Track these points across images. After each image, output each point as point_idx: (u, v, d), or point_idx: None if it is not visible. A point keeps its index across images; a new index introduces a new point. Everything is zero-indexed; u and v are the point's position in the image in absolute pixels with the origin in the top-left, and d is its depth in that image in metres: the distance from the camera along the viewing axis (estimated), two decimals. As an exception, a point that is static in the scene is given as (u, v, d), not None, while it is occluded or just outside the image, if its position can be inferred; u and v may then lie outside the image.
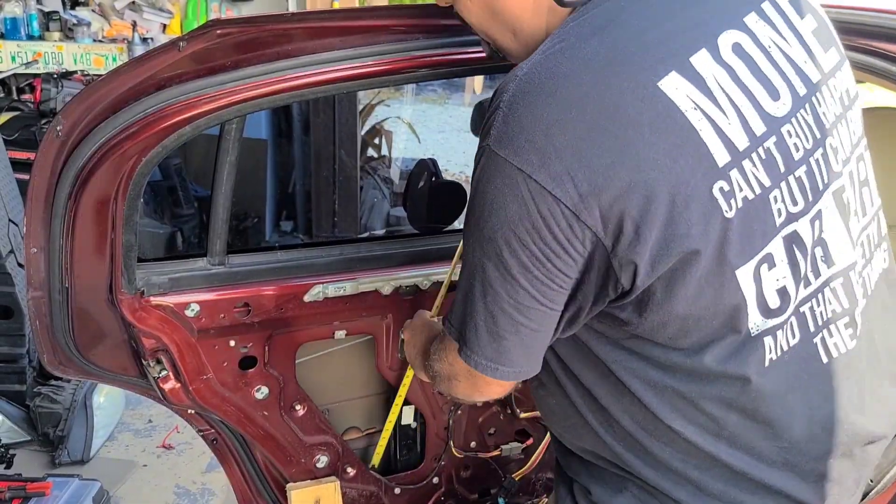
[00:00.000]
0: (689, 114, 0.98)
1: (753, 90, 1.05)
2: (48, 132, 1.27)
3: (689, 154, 0.98)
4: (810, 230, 1.10)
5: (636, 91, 0.96)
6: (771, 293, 1.07)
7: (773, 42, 1.09)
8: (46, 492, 2.42)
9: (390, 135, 5.53)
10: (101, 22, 5.41)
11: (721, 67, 1.03)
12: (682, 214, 0.98)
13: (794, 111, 1.08)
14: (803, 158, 1.08)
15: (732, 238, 1.02)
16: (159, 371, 1.55)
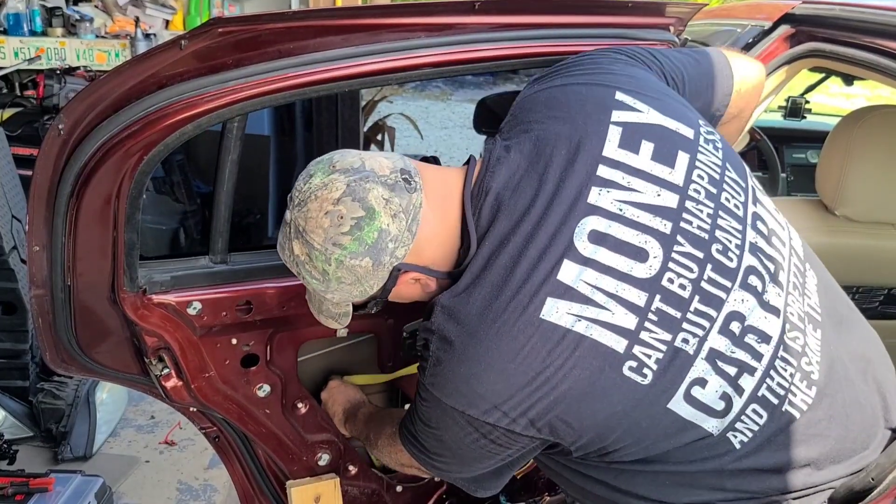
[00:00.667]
0: (576, 327, 1.12)
1: (621, 268, 1.15)
2: (50, 130, 1.27)
3: (591, 358, 1.13)
4: (729, 334, 1.19)
5: (526, 331, 1.12)
6: (713, 401, 1.18)
7: (621, 203, 1.17)
8: (49, 487, 2.42)
9: (393, 131, 5.52)
10: (104, 18, 5.40)
11: (586, 268, 1.14)
12: (603, 402, 1.14)
13: (666, 256, 1.17)
14: (693, 289, 1.17)
15: (654, 392, 1.16)
16: (161, 369, 1.55)
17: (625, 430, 1.18)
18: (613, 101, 1.22)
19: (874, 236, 2.04)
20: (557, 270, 1.13)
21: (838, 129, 2.02)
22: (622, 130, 1.19)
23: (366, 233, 1.15)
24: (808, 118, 3.99)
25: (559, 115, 1.22)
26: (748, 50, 2.05)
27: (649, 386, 1.14)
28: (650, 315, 1.14)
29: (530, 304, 1.12)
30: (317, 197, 1.16)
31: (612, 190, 1.16)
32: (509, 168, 1.20)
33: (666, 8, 1.57)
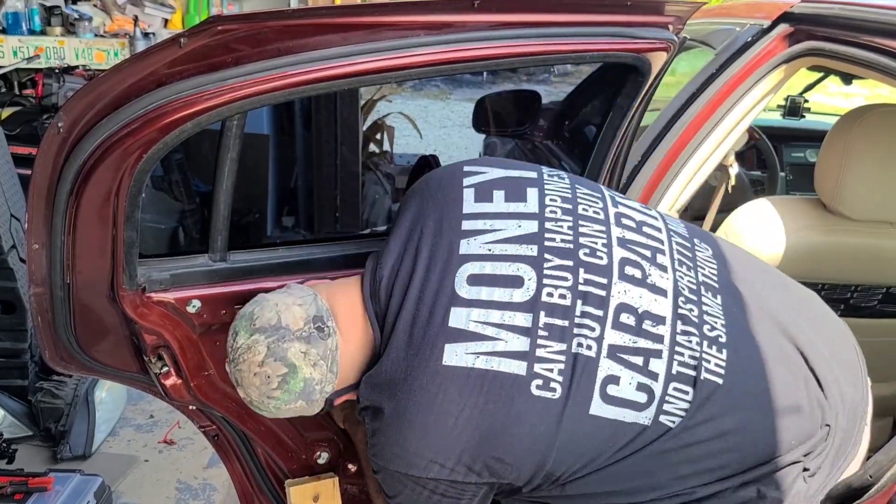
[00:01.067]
0: (477, 364, 1.22)
1: (502, 298, 1.25)
2: (49, 129, 1.27)
3: (499, 388, 1.21)
4: (624, 327, 1.26)
5: (435, 380, 1.22)
6: (632, 394, 1.23)
7: (488, 244, 1.29)
8: (48, 487, 2.42)
9: (392, 130, 5.52)
10: (103, 17, 5.40)
11: (471, 308, 1.24)
12: (523, 427, 1.21)
13: (539, 275, 1.26)
14: (573, 295, 1.26)
15: (570, 403, 1.22)
16: (161, 367, 1.55)
17: (560, 450, 1.23)
18: (462, 173, 1.40)
19: (873, 235, 2.04)
20: (448, 319, 1.24)
21: (837, 128, 2.03)
22: (474, 189, 1.36)
23: (292, 385, 1.30)
24: (807, 117, 3.99)
25: (422, 198, 1.38)
26: (747, 49, 2.05)
27: (562, 398, 1.22)
28: (540, 332, 1.23)
29: (432, 355, 1.23)
30: (244, 360, 1.32)
31: (478, 236, 1.30)
32: (392, 255, 1.34)
33: (665, 6, 1.57)
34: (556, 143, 2.82)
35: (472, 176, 1.38)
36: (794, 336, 1.35)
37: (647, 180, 2.07)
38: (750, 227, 2.08)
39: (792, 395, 1.30)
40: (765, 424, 1.27)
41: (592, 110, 2.59)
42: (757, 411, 1.27)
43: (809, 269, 2.08)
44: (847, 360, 1.43)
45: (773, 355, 1.32)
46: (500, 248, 1.28)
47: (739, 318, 1.33)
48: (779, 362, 1.31)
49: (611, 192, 1.43)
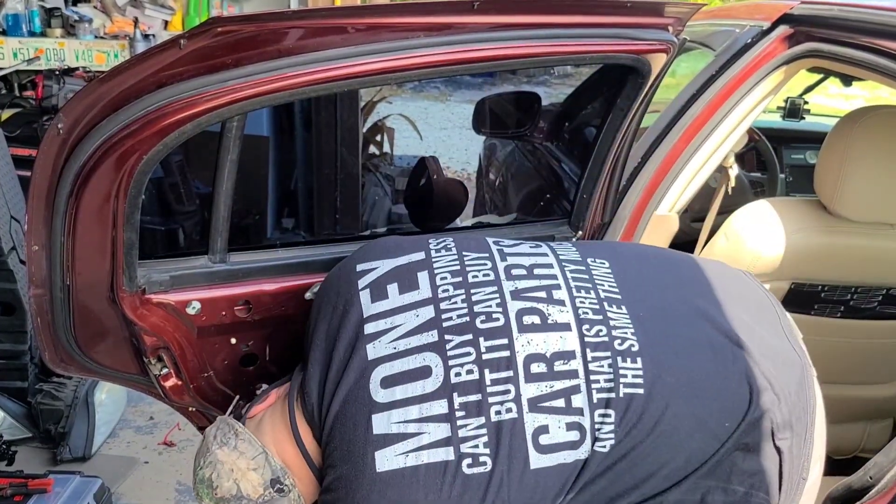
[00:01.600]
0: (409, 462, 1.23)
1: (415, 393, 1.26)
2: (49, 130, 1.27)
3: (434, 479, 1.22)
4: (537, 376, 1.26)
5: (375, 489, 1.23)
6: (565, 436, 1.25)
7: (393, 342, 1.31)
8: (48, 488, 2.42)
9: (392, 132, 5.52)
10: (103, 18, 5.40)
11: (391, 411, 1.26)
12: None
13: (444, 359, 1.28)
14: (480, 367, 1.27)
15: (504, 468, 1.22)
16: (160, 369, 1.55)
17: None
18: (355, 273, 1.42)
19: (872, 236, 2.04)
20: (371, 427, 1.26)
21: (837, 130, 2.03)
22: (369, 290, 1.39)
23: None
24: (807, 119, 3.99)
25: (326, 311, 1.40)
26: (746, 50, 2.06)
27: (494, 467, 1.23)
28: (457, 413, 1.25)
29: (365, 467, 1.25)
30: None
31: (382, 337, 1.33)
32: (314, 379, 1.35)
33: (665, 8, 1.57)
34: (556, 144, 2.82)
35: (365, 275, 1.41)
36: (705, 313, 1.35)
37: (647, 182, 2.07)
38: (750, 228, 2.08)
39: (719, 377, 1.29)
40: (696, 412, 1.27)
41: (592, 112, 2.59)
42: (685, 403, 1.27)
43: (809, 271, 2.08)
44: (767, 319, 1.41)
45: (688, 343, 1.32)
46: (405, 343, 1.31)
47: (647, 320, 1.33)
48: (697, 345, 1.31)
49: (498, 246, 1.46)
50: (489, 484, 1.22)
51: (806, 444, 1.33)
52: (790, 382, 1.33)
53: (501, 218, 2.75)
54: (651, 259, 1.51)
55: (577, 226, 1.87)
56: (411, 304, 1.35)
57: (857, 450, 2.48)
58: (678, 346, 1.31)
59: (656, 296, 1.39)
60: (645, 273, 1.44)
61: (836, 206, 2.00)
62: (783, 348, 1.37)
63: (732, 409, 1.28)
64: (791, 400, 1.31)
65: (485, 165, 3.77)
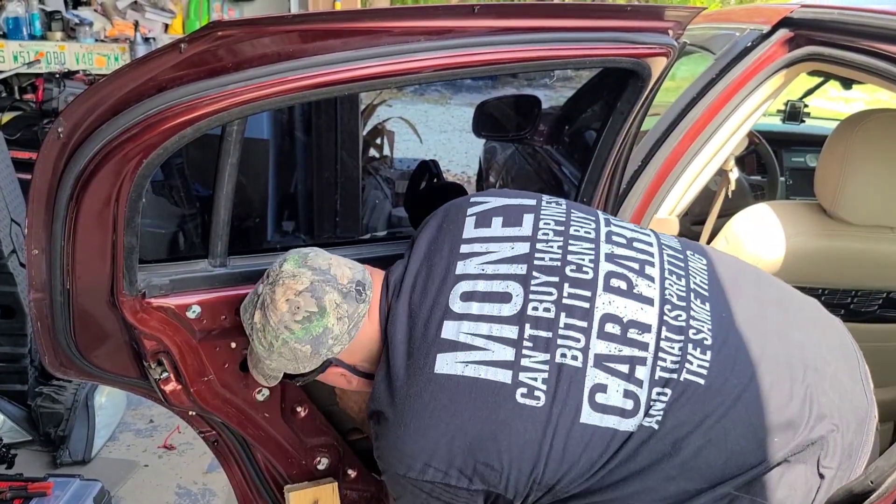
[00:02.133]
0: (466, 372, 1.29)
1: (489, 312, 1.32)
2: (49, 134, 1.27)
3: (486, 395, 1.27)
4: (609, 336, 1.30)
5: (428, 388, 1.29)
6: (620, 401, 1.27)
7: (482, 265, 1.38)
8: (48, 492, 2.42)
9: (392, 135, 5.52)
10: (104, 22, 5.40)
11: (462, 321, 1.32)
12: (510, 434, 1.27)
13: (526, 291, 1.34)
14: (557, 309, 1.32)
15: (556, 411, 1.26)
16: (160, 373, 1.55)
17: (551, 459, 1.27)
18: (468, 203, 1.51)
19: (872, 240, 2.04)
20: (441, 331, 1.32)
21: (837, 133, 2.03)
22: (475, 217, 1.47)
23: (314, 325, 1.37)
24: (807, 122, 4.00)
25: (434, 226, 1.49)
26: (746, 54, 2.06)
27: (547, 406, 1.26)
28: (525, 343, 1.30)
29: (425, 364, 1.31)
30: (284, 283, 1.37)
31: (473, 258, 1.40)
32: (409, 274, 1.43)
33: (665, 12, 1.57)
34: (557, 147, 2.83)
35: (476, 206, 1.49)
36: (788, 335, 1.37)
37: (648, 185, 2.07)
38: (750, 231, 2.08)
39: (784, 393, 1.31)
40: (751, 420, 1.28)
41: (593, 115, 2.59)
42: (743, 408, 1.29)
43: (809, 274, 2.08)
44: (846, 360, 1.43)
45: (763, 354, 1.33)
46: (493, 269, 1.38)
47: (728, 323, 1.36)
48: (771, 359, 1.33)
49: (606, 216, 1.51)
50: (537, 419, 1.26)
51: (846, 480, 1.36)
52: (851, 419, 1.35)
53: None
54: (748, 272, 1.54)
55: (578, 229, 1.87)
56: (510, 238, 1.41)
57: (857, 453, 2.47)
58: (752, 355, 1.33)
59: (744, 305, 1.40)
60: (738, 282, 1.46)
61: (837, 210, 2.00)
62: (854, 390, 1.39)
63: (787, 426, 1.30)
64: (848, 436, 1.34)
65: (485, 169, 3.77)
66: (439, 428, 1.29)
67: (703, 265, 1.45)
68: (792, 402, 1.30)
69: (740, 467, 1.28)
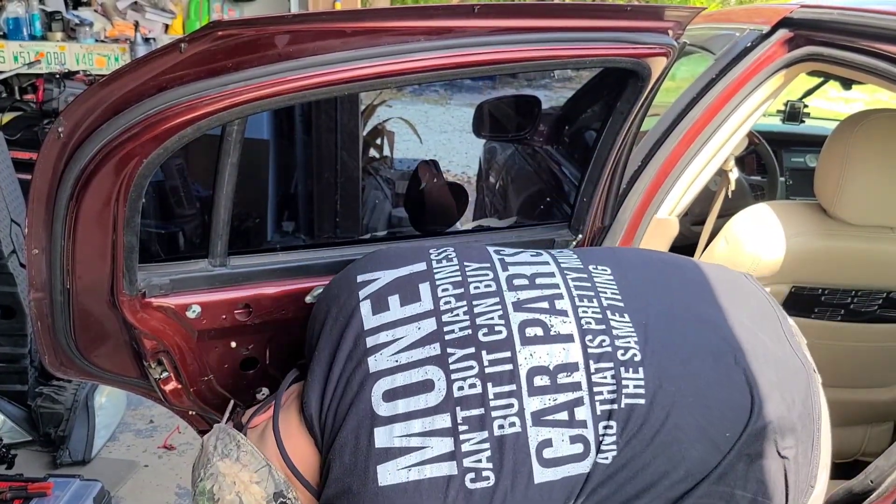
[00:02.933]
0: (411, 476, 1.22)
1: (419, 407, 1.25)
2: (49, 134, 1.27)
3: (437, 493, 1.21)
4: (541, 389, 1.26)
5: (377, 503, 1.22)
6: (569, 450, 1.24)
7: (394, 356, 1.30)
8: (48, 492, 2.42)
9: (392, 135, 5.52)
10: (104, 22, 5.41)
11: (392, 425, 1.25)
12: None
13: (447, 372, 1.27)
14: (483, 381, 1.26)
15: (507, 483, 1.21)
16: (160, 372, 1.55)
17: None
18: (356, 284, 1.41)
19: (872, 240, 2.04)
20: (373, 440, 1.25)
21: (837, 133, 2.03)
22: (370, 301, 1.37)
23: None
24: (807, 122, 4.00)
25: (327, 322, 1.39)
26: (746, 54, 2.06)
27: (498, 482, 1.22)
28: (460, 427, 1.24)
29: (367, 480, 1.24)
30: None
31: (383, 350, 1.31)
32: (315, 390, 1.35)
33: (665, 12, 1.57)
34: (556, 148, 2.83)
35: (366, 286, 1.40)
36: (708, 320, 1.34)
37: (647, 185, 2.07)
38: (750, 231, 2.08)
39: (722, 385, 1.28)
40: (698, 422, 1.26)
41: (592, 115, 2.59)
42: (687, 413, 1.26)
43: (809, 274, 2.08)
44: (770, 326, 1.39)
45: (692, 348, 1.31)
46: (406, 357, 1.30)
47: (650, 328, 1.32)
48: (699, 353, 1.30)
49: (499, 255, 1.45)
50: (492, 499, 1.21)
51: (813, 451, 1.32)
52: (794, 390, 1.32)
53: (501, 221, 2.75)
54: (652, 264, 1.50)
55: (577, 229, 1.87)
56: (413, 317, 1.34)
57: (857, 453, 2.47)
58: (681, 354, 1.30)
59: (658, 302, 1.38)
60: (647, 279, 1.43)
61: (836, 210, 2.00)
62: (786, 355, 1.35)
63: (734, 418, 1.27)
64: (796, 408, 1.30)
65: (485, 169, 3.77)
66: None
67: (608, 276, 1.41)
68: (730, 392, 1.28)
69: (702, 472, 1.26)
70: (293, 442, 1.37)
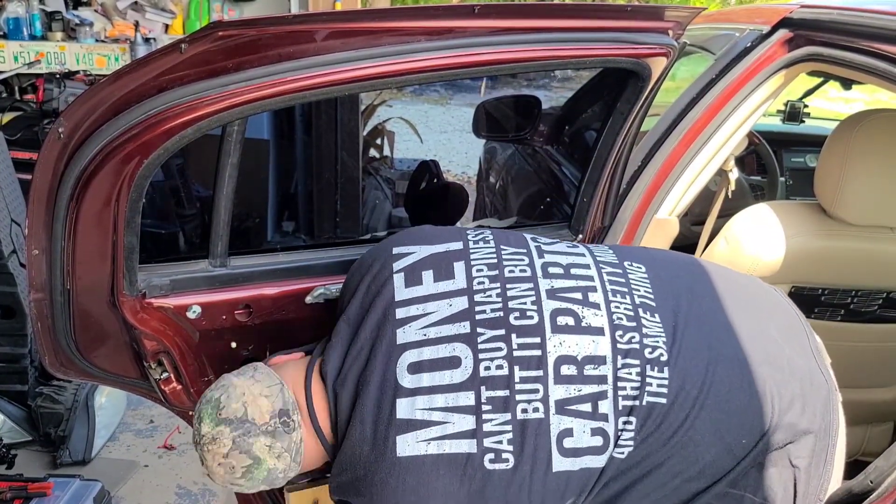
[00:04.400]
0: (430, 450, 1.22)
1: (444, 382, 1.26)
2: (50, 134, 1.27)
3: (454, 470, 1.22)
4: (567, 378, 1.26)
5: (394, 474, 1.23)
6: (589, 442, 1.24)
7: (423, 329, 1.30)
8: (48, 492, 2.42)
9: (392, 135, 5.52)
10: (104, 22, 5.41)
11: (415, 397, 1.25)
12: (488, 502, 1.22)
13: (474, 351, 1.27)
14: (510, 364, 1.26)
15: (526, 468, 1.22)
16: (161, 373, 1.55)
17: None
18: (392, 256, 1.41)
19: (872, 240, 2.04)
20: (395, 411, 1.25)
21: (837, 133, 2.03)
22: (404, 274, 1.37)
23: (256, 474, 1.33)
24: (807, 122, 4.00)
25: (360, 289, 1.40)
26: (746, 54, 2.06)
27: (516, 466, 1.22)
28: (484, 406, 1.24)
29: (385, 449, 1.24)
30: (209, 449, 1.35)
31: (412, 323, 1.32)
32: (337, 351, 1.35)
33: (665, 12, 1.57)
34: (557, 148, 2.82)
35: (402, 259, 1.40)
36: (737, 330, 1.35)
37: (647, 185, 2.07)
38: (750, 231, 2.08)
39: (744, 394, 1.29)
40: (717, 427, 1.27)
41: (592, 115, 2.59)
42: (707, 417, 1.27)
43: (809, 274, 2.08)
44: (798, 340, 1.40)
45: (718, 355, 1.31)
46: (435, 332, 1.30)
47: (679, 331, 1.33)
48: (725, 359, 1.31)
49: (536, 242, 1.45)
50: (510, 481, 1.22)
51: (826, 466, 1.33)
52: (815, 403, 1.32)
53: (501, 222, 2.75)
54: (686, 267, 1.50)
55: (578, 229, 1.87)
56: (445, 293, 1.34)
57: (857, 453, 2.47)
58: (706, 359, 1.30)
59: (689, 306, 1.37)
60: (680, 281, 1.43)
61: (836, 210, 2.00)
62: (810, 369, 1.36)
63: (752, 426, 1.28)
64: (816, 422, 1.31)
65: (485, 169, 3.77)
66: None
67: (642, 274, 1.41)
68: (752, 400, 1.29)
69: (714, 475, 1.27)
70: (313, 389, 1.37)
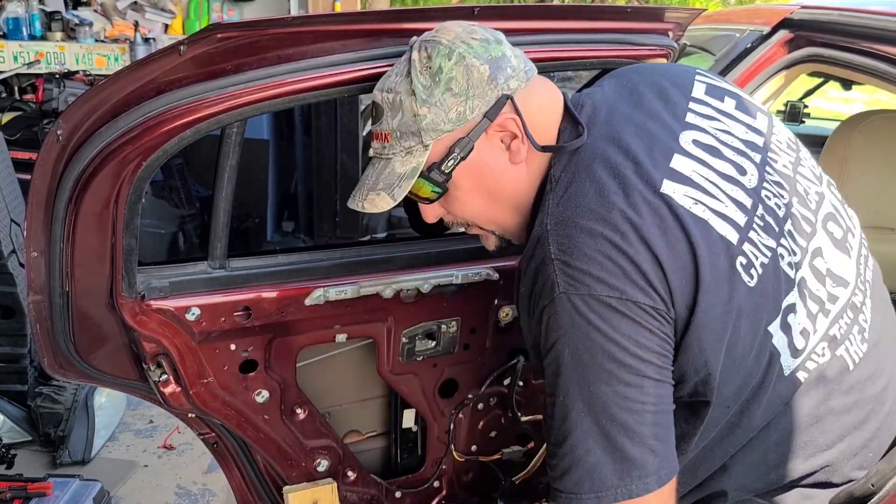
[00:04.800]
0: (695, 209, 1.15)
1: (726, 171, 1.21)
2: (48, 136, 1.27)
3: (709, 239, 1.13)
4: (815, 270, 1.26)
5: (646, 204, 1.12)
6: (797, 335, 1.22)
7: (715, 129, 1.25)
8: (47, 492, 2.42)
9: (392, 135, 5.51)
10: (104, 22, 5.41)
11: (696, 163, 1.19)
12: (716, 288, 1.12)
13: (761, 177, 1.24)
14: (786, 213, 1.25)
15: (757, 300, 1.17)
16: (160, 375, 1.55)
17: (729, 340, 1.15)
18: (693, 69, 1.37)
19: (873, 240, 2.02)
20: (670, 159, 1.17)
21: (837, 134, 2.03)
22: (706, 86, 1.31)
23: (492, 48, 1.22)
24: (807, 123, 4.00)
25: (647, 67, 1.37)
26: (746, 55, 2.06)
27: (754, 289, 1.16)
28: (756, 219, 1.19)
29: (650, 180, 1.14)
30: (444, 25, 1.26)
31: (704, 119, 1.25)
32: (602, 94, 1.28)
33: (665, 13, 1.57)
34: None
35: (705, 76, 1.35)
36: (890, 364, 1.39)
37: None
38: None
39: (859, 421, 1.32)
40: (842, 433, 1.30)
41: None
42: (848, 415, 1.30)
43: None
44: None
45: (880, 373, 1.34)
46: (727, 139, 1.24)
47: (879, 322, 1.37)
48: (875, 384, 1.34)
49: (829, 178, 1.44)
50: (741, 293, 1.15)
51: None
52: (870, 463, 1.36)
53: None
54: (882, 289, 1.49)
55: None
56: (744, 123, 1.29)
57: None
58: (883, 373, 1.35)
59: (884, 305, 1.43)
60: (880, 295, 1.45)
61: (837, 211, 2.00)
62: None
63: (849, 450, 1.32)
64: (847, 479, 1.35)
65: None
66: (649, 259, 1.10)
67: (871, 267, 1.43)
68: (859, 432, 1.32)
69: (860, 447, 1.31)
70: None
